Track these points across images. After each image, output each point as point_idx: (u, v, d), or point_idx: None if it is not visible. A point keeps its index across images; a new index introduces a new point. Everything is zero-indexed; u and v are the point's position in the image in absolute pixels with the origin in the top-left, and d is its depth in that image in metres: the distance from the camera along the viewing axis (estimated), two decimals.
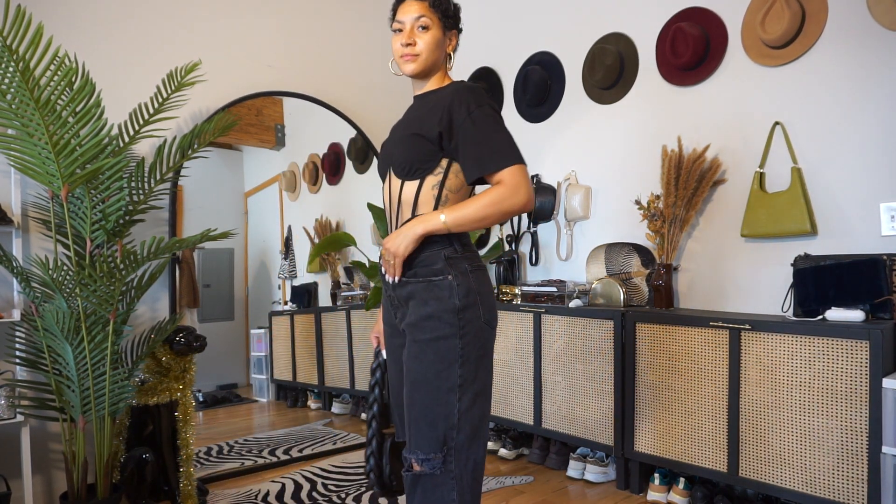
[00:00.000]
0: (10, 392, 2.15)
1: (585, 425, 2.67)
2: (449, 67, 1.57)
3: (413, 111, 1.55)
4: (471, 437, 1.42)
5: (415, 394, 1.42)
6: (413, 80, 1.55)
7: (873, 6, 2.21)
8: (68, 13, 2.44)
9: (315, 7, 3.22)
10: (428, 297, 1.43)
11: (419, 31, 1.48)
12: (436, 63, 1.51)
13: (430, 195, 1.46)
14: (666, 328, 2.42)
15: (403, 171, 1.47)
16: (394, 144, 1.51)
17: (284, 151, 3.28)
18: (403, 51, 1.48)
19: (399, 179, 1.49)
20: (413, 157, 1.45)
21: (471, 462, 1.43)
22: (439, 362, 1.40)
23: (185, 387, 2.36)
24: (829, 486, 2.00)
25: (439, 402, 1.40)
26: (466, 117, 1.40)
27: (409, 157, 1.46)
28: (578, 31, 3.17)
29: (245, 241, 3.25)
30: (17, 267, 2.07)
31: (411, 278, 1.46)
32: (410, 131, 1.47)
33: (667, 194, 2.62)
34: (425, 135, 1.44)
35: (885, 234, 2.18)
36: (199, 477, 2.62)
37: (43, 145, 1.94)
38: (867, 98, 2.25)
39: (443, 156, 1.45)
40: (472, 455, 1.44)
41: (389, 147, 1.54)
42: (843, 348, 1.97)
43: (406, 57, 1.49)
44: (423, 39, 1.48)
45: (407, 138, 1.47)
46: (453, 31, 1.55)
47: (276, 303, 3.37)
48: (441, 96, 1.48)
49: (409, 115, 1.56)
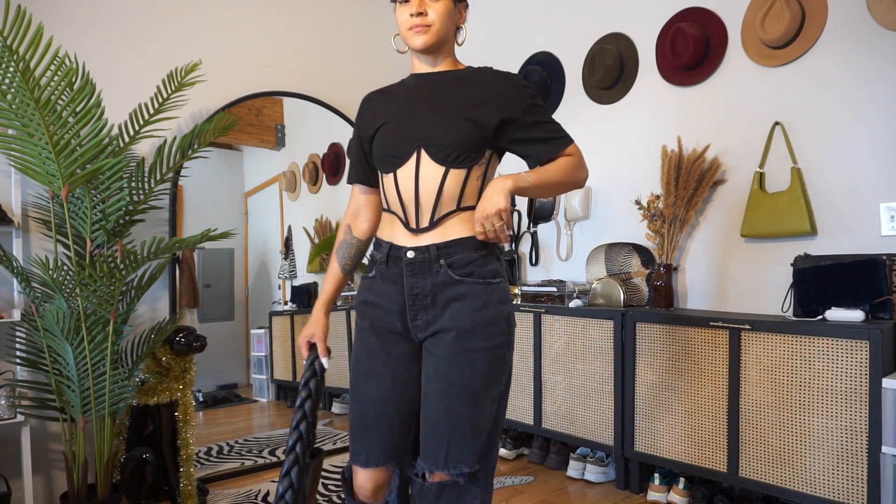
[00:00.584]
0: (10, 392, 2.15)
1: (585, 425, 2.67)
2: (461, 42, 1.44)
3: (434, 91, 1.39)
4: (494, 441, 1.41)
5: (460, 405, 1.30)
6: (420, 55, 1.41)
7: (873, 6, 2.21)
8: (68, 13, 2.44)
9: (315, 7, 3.22)
10: (488, 301, 1.34)
11: (430, 0, 1.34)
12: (447, 36, 1.38)
13: (475, 186, 1.37)
14: (666, 328, 2.42)
15: (450, 157, 1.33)
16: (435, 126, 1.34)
17: (284, 151, 3.28)
18: (413, 21, 1.34)
19: (441, 166, 1.33)
20: (465, 144, 1.33)
21: (491, 465, 1.41)
22: (491, 371, 1.33)
23: (185, 387, 2.36)
24: (829, 486, 2.00)
25: (485, 413, 1.33)
26: (530, 105, 1.38)
27: (460, 142, 1.33)
28: (578, 31, 3.17)
29: (245, 241, 3.25)
30: (17, 267, 2.08)
31: (466, 277, 1.33)
32: (460, 115, 1.34)
33: (667, 194, 2.62)
34: (479, 121, 1.34)
35: (885, 234, 2.18)
36: (199, 477, 2.62)
37: (43, 145, 1.94)
38: (867, 98, 2.25)
39: (488, 146, 1.37)
40: (494, 459, 1.42)
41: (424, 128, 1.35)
42: (843, 348, 1.97)
43: (417, 28, 1.34)
44: (434, 9, 1.34)
45: (457, 122, 1.33)
46: (463, 3, 1.42)
47: (276, 303, 3.37)
48: (481, 82, 1.38)
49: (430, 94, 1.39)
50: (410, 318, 1.37)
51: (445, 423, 1.30)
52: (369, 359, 1.40)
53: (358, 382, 1.40)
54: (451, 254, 1.34)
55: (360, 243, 1.56)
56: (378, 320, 1.40)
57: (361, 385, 1.40)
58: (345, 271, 1.55)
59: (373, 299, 1.41)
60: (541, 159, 1.41)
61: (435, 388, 1.32)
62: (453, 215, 1.36)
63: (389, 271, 1.39)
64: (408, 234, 1.37)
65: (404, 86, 1.45)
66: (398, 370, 1.38)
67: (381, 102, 1.45)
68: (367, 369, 1.39)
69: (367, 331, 1.41)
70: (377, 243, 1.45)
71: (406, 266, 1.36)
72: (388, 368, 1.38)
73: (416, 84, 1.42)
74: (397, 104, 1.42)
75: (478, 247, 1.36)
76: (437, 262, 1.34)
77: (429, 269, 1.34)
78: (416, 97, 1.40)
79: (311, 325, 1.52)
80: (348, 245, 1.55)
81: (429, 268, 1.34)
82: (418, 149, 1.35)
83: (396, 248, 1.38)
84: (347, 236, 1.55)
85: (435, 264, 1.34)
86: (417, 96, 1.40)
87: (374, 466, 1.37)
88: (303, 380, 1.47)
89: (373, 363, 1.39)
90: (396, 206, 1.39)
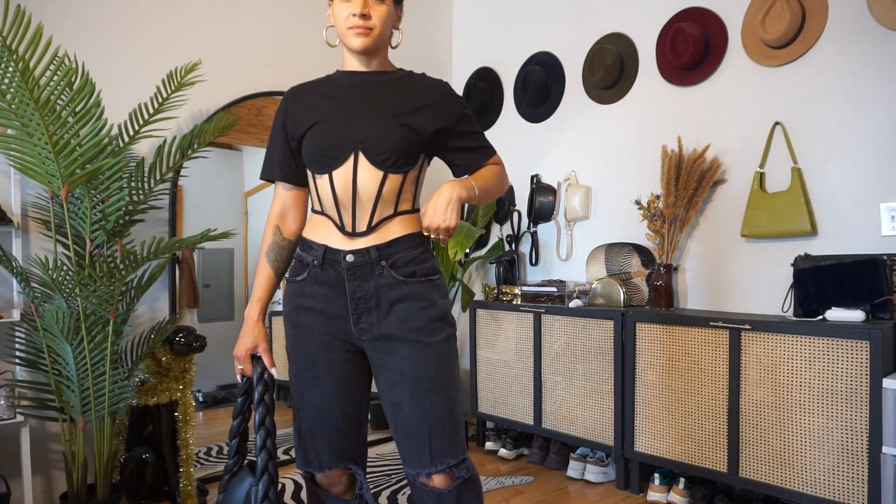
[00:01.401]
0: (10, 392, 2.15)
1: (585, 425, 2.67)
2: (394, 45, 1.44)
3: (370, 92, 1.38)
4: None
5: (433, 400, 1.31)
6: (355, 54, 1.39)
7: (873, 6, 2.21)
8: (68, 13, 2.44)
9: (315, 7, 3.22)
10: (434, 298, 1.36)
11: (374, 2, 1.32)
12: (386, 39, 1.39)
13: (410, 191, 1.38)
14: (666, 328, 2.42)
15: (388, 162, 1.32)
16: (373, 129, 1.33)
17: None
18: (355, 22, 1.31)
19: (380, 170, 1.33)
20: (403, 149, 1.33)
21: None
22: (451, 362, 1.36)
23: (185, 387, 2.36)
24: (829, 486, 1.99)
25: (456, 403, 1.36)
26: (462, 116, 1.43)
27: (399, 147, 1.33)
28: (578, 31, 3.17)
29: (245, 241, 3.25)
30: (17, 267, 2.07)
31: (409, 278, 1.34)
32: (398, 120, 1.34)
33: (667, 194, 2.62)
34: (416, 128, 1.35)
35: (885, 234, 2.18)
36: (199, 477, 2.62)
37: (43, 145, 1.94)
38: (867, 98, 2.25)
39: (421, 151, 1.39)
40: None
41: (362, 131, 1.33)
42: (843, 348, 1.97)
43: (358, 29, 1.32)
44: (377, 12, 1.32)
45: (395, 127, 1.33)
46: (400, 5, 1.41)
47: (276, 303, 3.36)
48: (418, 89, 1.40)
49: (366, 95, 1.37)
50: (354, 322, 1.35)
51: (423, 422, 1.31)
52: (311, 367, 1.38)
53: (302, 391, 1.39)
54: (392, 254, 1.34)
55: (290, 244, 1.49)
56: (316, 326, 1.37)
57: (305, 393, 1.39)
58: (278, 274, 1.49)
59: (308, 304, 1.38)
60: (470, 168, 1.45)
61: (404, 392, 1.32)
62: (391, 220, 1.36)
63: (325, 275, 1.36)
64: (342, 238, 1.35)
65: (334, 83, 1.42)
66: (342, 375, 1.38)
67: (311, 99, 1.41)
68: (310, 378, 1.38)
69: (305, 339, 1.38)
70: (306, 244, 1.40)
71: (347, 270, 1.34)
72: (332, 376, 1.37)
73: (349, 83, 1.40)
74: (330, 103, 1.38)
75: (415, 244, 1.37)
76: (378, 263, 1.33)
77: (371, 271, 1.33)
78: (350, 97, 1.38)
79: (250, 336, 1.42)
80: (279, 247, 1.47)
81: (371, 270, 1.33)
82: (356, 151, 1.33)
83: (332, 251, 1.35)
84: (277, 237, 1.47)
85: (377, 266, 1.33)
86: (351, 96, 1.38)
87: (329, 469, 1.39)
88: (255, 394, 1.38)
89: (314, 371, 1.37)
90: (331, 209, 1.36)
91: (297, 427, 1.41)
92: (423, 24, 3.69)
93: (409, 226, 1.38)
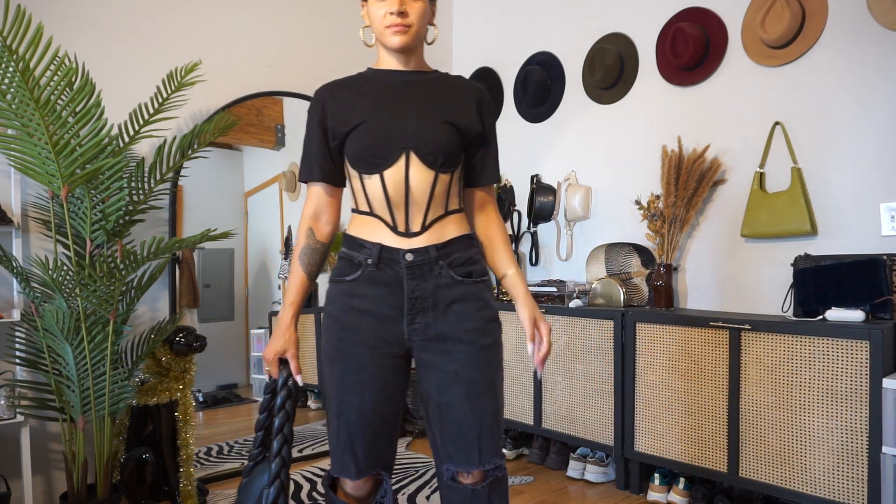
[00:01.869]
0: (10, 392, 2.15)
1: (585, 425, 2.67)
2: (430, 42, 1.43)
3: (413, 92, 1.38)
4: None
5: (484, 401, 1.32)
6: (393, 53, 1.38)
7: (873, 6, 2.21)
8: (68, 13, 2.44)
9: (315, 7, 3.22)
10: (488, 298, 1.38)
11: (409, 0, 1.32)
12: (423, 36, 1.38)
13: (456, 189, 1.39)
14: (666, 328, 2.42)
15: (438, 161, 1.32)
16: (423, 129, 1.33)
17: (284, 151, 3.27)
18: (393, 20, 1.30)
19: (431, 170, 1.32)
20: (452, 149, 1.34)
21: None
22: (499, 364, 1.38)
23: (185, 387, 2.36)
24: (829, 486, 1.99)
25: (501, 403, 1.38)
26: (493, 123, 1.46)
27: (448, 147, 1.33)
28: (578, 31, 3.17)
29: (245, 241, 3.25)
30: (17, 267, 2.07)
31: (465, 278, 1.35)
32: (446, 120, 1.34)
33: (667, 194, 2.62)
34: (463, 128, 1.36)
35: (885, 234, 2.18)
36: (199, 477, 2.62)
37: (43, 145, 1.94)
38: (867, 98, 2.25)
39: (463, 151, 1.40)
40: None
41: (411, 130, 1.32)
42: (843, 348, 1.97)
43: (396, 28, 1.31)
44: (414, 9, 1.32)
45: (444, 127, 1.34)
46: (434, 2, 1.40)
47: (276, 303, 3.37)
48: (461, 90, 1.41)
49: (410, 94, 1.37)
50: (408, 322, 1.34)
51: (474, 423, 1.32)
52: (356, 371, 1.35)
53: (343, 394, 1.36)
54: (449, 254, 1.35)
55: (323, 247, 1.45)
56: (366, 329, 1.34)
57: (347, 397, 1.35)
58: (311, 278, 1.45)
59: (359, 305, 1.35)
60: (476, 183, 1.45)
61: (456, 393, 1.32)
62: (443, 219, 1.36)
63: (381, 274, 1.33)
64: (396, 237, 1.34)
65: (370, 81, 1.40)
66: (385, 381, 1.36)
67: (350, 97, 1.38)
68: (354, 382, 1.35)
69: (353, 341, 1.35)
70: (356, 243, 1.37)
71: (406, 269, 1.32)
72: (376, 380, 1.35)
73: (388, 81, 1.39)
74: (373, 102, 1.36)
75: (469, 245, 1.39)
76: (436, 263, 1.33)
77: (429, 270, 1.33)
78: (393, 96, 1.37)
79: (281, 339, 1.38)
80: (312, 250, 1.43)
81: (430, 269, 1.33)
82: (407, 151, 1.32)
83: (389, 249, 1.33)
84: (311, 240, 1.43)
85: (436, 266, 1.33)
86: (394, 95, 1.37)
87: (365, 476, 1.38)
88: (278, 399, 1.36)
89: (360, 376, 1.34)
90: (382, 210, 1.34)
91: (335, 432, 1.37)
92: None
93: (462, 226, 1.40)
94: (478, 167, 1.44)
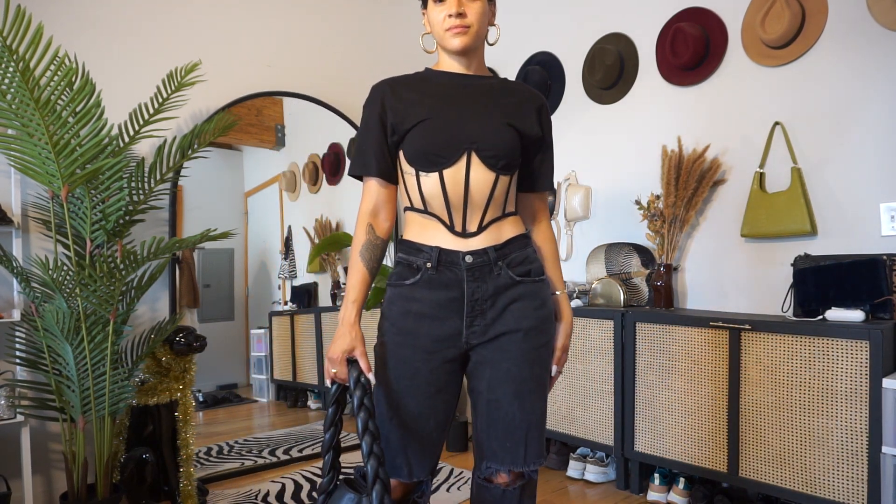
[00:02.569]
0: (10, 392, 2.15)
1: (585, 425, 2.67)
2: (492, 42, 1.42)
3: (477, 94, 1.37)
4: None
5: (533, 402, 1.34)
6: (455, 56, 1.37)
7: (873, 6, 2.21)
8: (68, 13, 2.44)
9: (315, 7, 3.22)
10: (546, 297, 1.38)
11: (468, 1, 1.31)
12: (483, 36, 1.37)
13: (514, 193, 1.41)
14: (666, 328, 2.42)
15: (499, 163, 1.33)
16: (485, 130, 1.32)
17: (284, 151, 3.28)
18: (453, 22, 1.30)
19: (492, 172, 1.33)
20: (513, 152, 1.34)
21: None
22: (549, 364, 1.40)
23: (185, 387, 2.36)
24: (829, 486, 1.99)
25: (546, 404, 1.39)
26: (550, 130, 1.46)
27: (510, 149, 1.34)
28: (578, 31, 3.17)
29: (245, 241, 3.25)
30: (17, 267, 2.07)
31: (524, 277, 1.35)
32: (508, 123, 1.35)
33: (667, 194, 2.62)
34: (524, 132, 1.37)
35: (885, 234, 2.18)
36: (199, 477, 2.62)
37: (43, 145, 1.94)
38: (867, 98, 2.25)
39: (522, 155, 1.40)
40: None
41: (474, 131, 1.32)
42: (843, 348, 1.97)
43: (456, 29, 1.31)
44: (472, 9, 1.31)
45: (506, 129, 1.34)
46: (493, 2, 1.39)
47: (276, 303, 3.37)
48: (522, 94, 1.41)
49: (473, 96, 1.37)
50: (467, 325, 1.33)
51: (522, 423, 1.33)
52: (412, 376, 1.33)
53: (398, 397, 1.34)
54: (508, 254, 1.35)
55: (383, 243, 1.44)
56: (423, 333, 1.33)
57: (402, 400, 1.34)
58: (372, 274, 1.42)
59: (418, 309, 1.33)
60: (534, 188, 1.47)
61: (507, 391, 1.33)
62: (500, 221, 1.37)
63: (441, 277, 1.33)
64: (453, 238, 1.34)
65: (434, 82, 1.39)
66: (440, 385, 1.35)
67: (411, 94, 1.36)
68: (409, 386, 1.34)
69: (410, 345, 1.34)
70: (413, 247, 1.37)
71: (466, 271, 1.32)
72: (431, 385, 1.34)
73: (451, 82, 1.38)
74: (436, 101, 1.35)
75: (526, 244, 1.39)
76: (496, 264, 1.34)
77: (489, 272, 1.33)
78: (456, 96, 1.36)
79: (348, 338, 1.32)
80: (373, 246, 1.41)
81: (489, 271, 1.33)
82: (468, 151, 1.31)
83: (447, 252, 1.33)
84: (371, 236, 1.41)
85: (495, 267, 1.33)
86: (457, 95, 1.36)
87: (417, 479, 1.37)
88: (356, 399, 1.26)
89: (415, 381, 1.33)
90: (439, 209, 1.34)
91: (387, 434, 1.35)
92: (421, 25, 3.69)
93: (518, 226, 1.41)
94: (536, 172, 1.45)
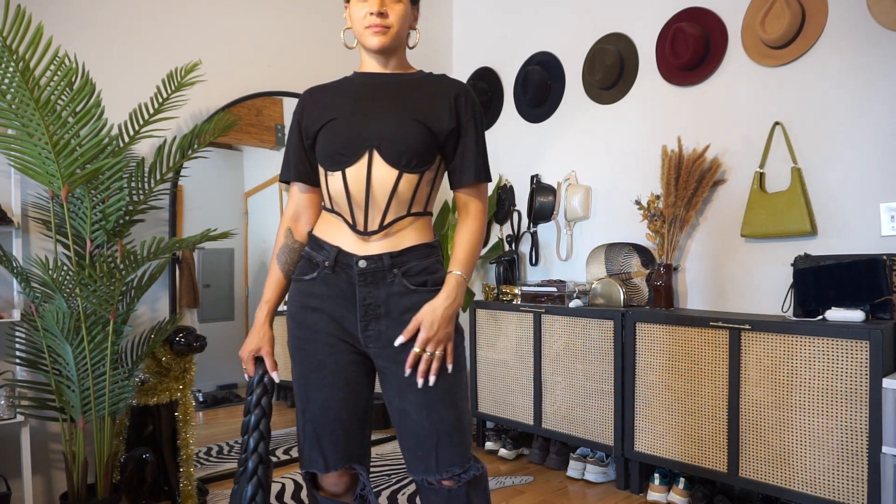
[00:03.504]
0: (10, 392, 2.15)
1: (585, 425, 2.67)
2: (412, 46, 1.43)
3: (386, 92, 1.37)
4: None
5: (442, 410, 1.31)
6: (373, 54, 1.39)
7: (873, 6, 2.21)
8: (68, 13, 2.44)
9: (315, 7, 3.22)
10: None
11: (391, 1, 1.33)
12: (403, 38, 1.39)
13: (425, 192, 1.37)
14: (666, 328, 2.42)
15: (402, 161, 1.31)
16: (388, 128, 1.32)
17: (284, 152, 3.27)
18: (373, 21, 1.31)
19: (395, 169, 1.31)
20: (419, 149, 1.32)
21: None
22: (459, 371, 1.35)
23: (185, 387, 2.36)
24: (829, 486, 2.00)
25: (464, 411, 1.35)
26: (472, 118, 1.39)
27: (415, 146, 1.31)
28: (578, 31, 3.17)
29: (245, 241, 3.25)
30: (17, 267, 2.07)
31: (420, 287, 1.33)
32: (414, 119, 1.33)
33: (667, 194, 2.62)
34: (431, 126, 1.33)
35: (885, 234, 2.18)
36: (199, 477, 2.62)
37: (43, 145, 1.94)
38: (867, 98, 2.25)
39: (437, 152, 1.37)
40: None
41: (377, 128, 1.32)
42: (843, 348, 1.97)
43: (376, 28, 1.32)
44: (394, 10, 1.33)
45: (411, 125, 1.32)
46: (416, 5, 1.41)
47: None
48: (436, 88, 1.38)
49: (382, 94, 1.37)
50: (362, 329, 1.34)
51: (432, 433, 1.30)
52: (317, 369, 1.36)
53: (307, 392, 1.38)
54: (404, 262, 1.33)
55: (301, 247, 1.47)
56: (323, 327, 1.35)
57: (312, 394, 1.37)
58: (287, 277, 1.47)
59: (316, 305, 1.36)
60: (461, 183, 1.40)
61: (412, 401, 1.31)
62: (403, 220, 1.34)
63: (336, 278, 1.34)
64: (355, 238, 1.34)
65: (351, 83, 1.41)
66: (348, 377, 1.36)
67: (327, 98, 1.41)
68: (317, 379, 1.36)
69: (312, 339, 1.36)
70: (317, 244, 1.38)
71: (358, 276, 1.32)
72: (338, 377, 1.36)
73: (366, 83, 1.39)
74: (346, 101, 1.38)
75: (427, 254, 1.36)
76: (390, 271, 1.32)
77: (382, 278, 1.32)
78: (367, 96, 1.37)
79: (255, 337, 1.41)
80: (290, 249, 1.46)
81: (382, 277, 1.32)
82: (370, 149, 1.31)
83: (345, 254, 1.34)
84: (289, 240, 1.46)
85: (389, 274, 1.32)
86: (367, 94, 1.37)
87: (334, 470, 1.38)
88: (253, 397, 1.37)
89: (321, 373, 1.36)
90: (343, 207, 1.35)
91: (302, 428, 1.40)
92: (423, 25, 3.68)
93: (423, 233, 1.37)
94: (457, 167, 1.40)
